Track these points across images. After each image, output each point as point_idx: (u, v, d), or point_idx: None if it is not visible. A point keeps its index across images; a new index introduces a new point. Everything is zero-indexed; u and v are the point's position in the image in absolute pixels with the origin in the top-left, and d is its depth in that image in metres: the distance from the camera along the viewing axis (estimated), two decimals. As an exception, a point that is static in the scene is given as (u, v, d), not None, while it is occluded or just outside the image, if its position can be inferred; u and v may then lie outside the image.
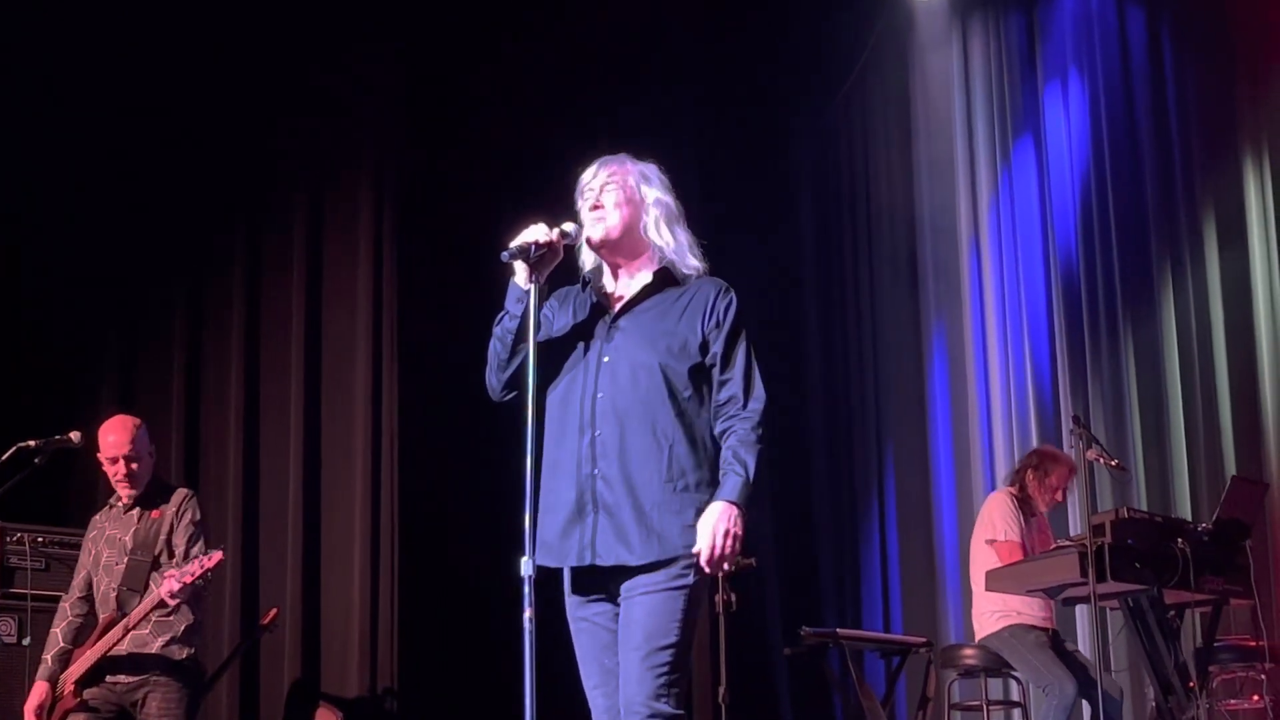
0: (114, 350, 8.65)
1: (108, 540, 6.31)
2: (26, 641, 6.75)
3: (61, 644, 6.23)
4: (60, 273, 8.54)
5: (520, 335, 4.08)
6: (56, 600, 6.82)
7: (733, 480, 4.01)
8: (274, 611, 7.57)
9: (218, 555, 5.92)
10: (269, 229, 8.89)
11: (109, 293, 8.65)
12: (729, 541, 3.95)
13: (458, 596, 8.58)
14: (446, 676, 8.51)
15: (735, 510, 3.97)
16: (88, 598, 6.30)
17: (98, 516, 6.46)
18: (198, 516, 6.29)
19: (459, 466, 8.75)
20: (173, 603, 5.89)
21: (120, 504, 6.36)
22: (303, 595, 8.35)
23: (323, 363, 8.69)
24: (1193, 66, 9.71)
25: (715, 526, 3.94)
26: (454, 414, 8.67)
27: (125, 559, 6.17)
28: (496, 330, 4.17)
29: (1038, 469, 7.78)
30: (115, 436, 6.27)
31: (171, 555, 6.15)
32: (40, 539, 7.06)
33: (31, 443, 6.09)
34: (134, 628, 6.01)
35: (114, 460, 6.28)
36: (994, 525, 7.65)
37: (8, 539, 6.93)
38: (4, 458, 5.93)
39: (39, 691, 6.15)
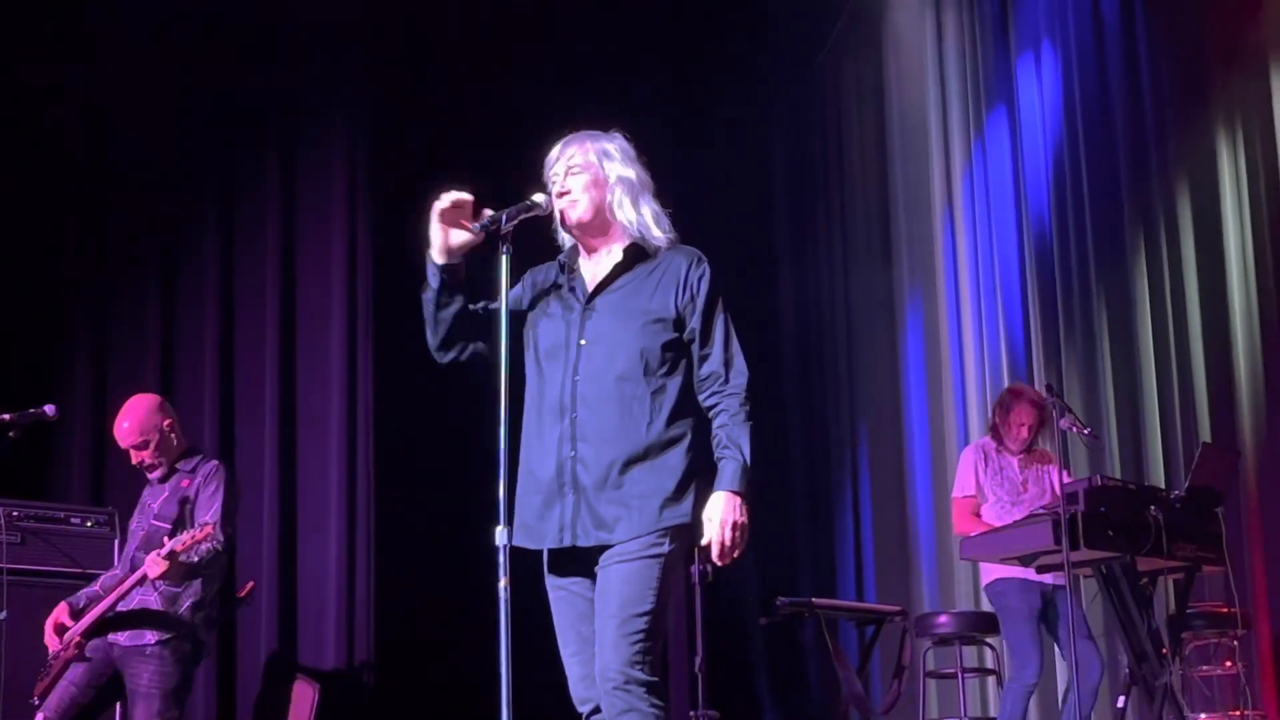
0: (87, 322, 8.60)
1: (140, 508, 6.35)
2: (3, 615, 6.73)
3: (95, 588, 6.24)
4: (32, 245, 8.48)
5: (439, 304, 4.11)
6: (32, 574, 6.86)
7: (731, 467, 4.01)
8: (250, 585, 7.55)
9: (208, 528, 5.88)
10: (241, 197, 8.85)
11: (82, 264, 8.61)
12: (737, 533, 3.97)
13: (434, 568, 8.60)
14: (423, 649, 8.54)
15: (738, 499, 3.98)
16: None
17: (145, 489, 6.47)
18: (222, 489, 6.20)
19: (434, 439, 8.76)
20: (155, 574, 5.85)
21: (156, 478, 6.36)
22: (279, 568, 8.35)
23: (297, 334, 8.68)
24: (1166, 37, 9.71)
25: (723, 520, 3.96)
26: (429, 386, 8.65)
27: (149, 524, 6.18)
28: (422, 298, 4.18)
29: (1001, 406, 7.71)
30: (127, 424, 6.29)
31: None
32: (16, 513, 7.04)
33: (5, 416, 6.06)
34: (133, 590, 5.99)
35: (126, 451, 6.32)
36: (954, 481, 7.71)
37: (-17, 513, 6.93)
38: (-23, 432, 5.91)
39: (59, 611, 6.15)
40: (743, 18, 10.53)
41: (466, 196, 4.09)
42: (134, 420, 6.28)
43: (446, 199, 4.07)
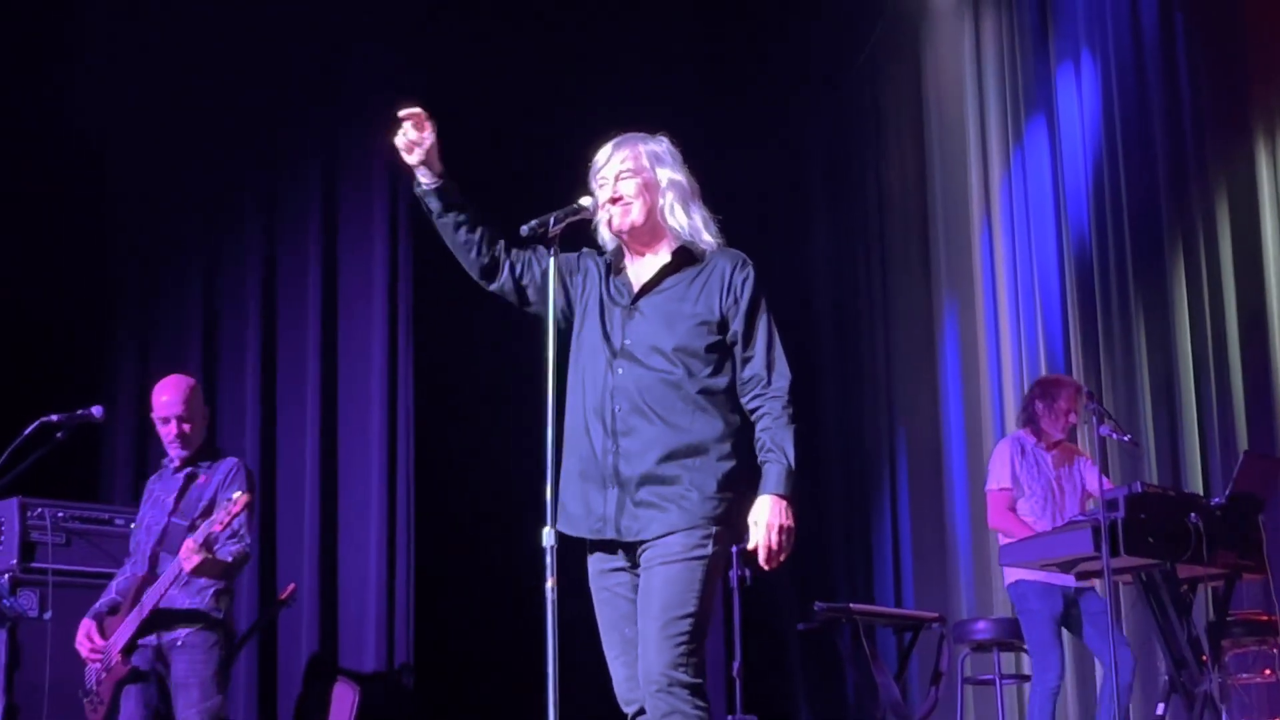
0: (133, 326, 8.66)
1: (154, 501, 6.27)
2: (48, 615, 6.79)
3: (113, 595, 6.21)
4: (78, 249, 8.53)
5: (453, 225, 4.19)
6: (77, 575, 6.90)
7: (776, 471, 4.04)
8: (291, 587, 7.59)
9: (244, 498, 5.80)
10: (284, 203, 8.88)
11: (128, 268, 8.68)
12: (783, 537, 4.00)
13: (475, 570, 8.63)
14: (464, 650, 8.56)
15: (784, 503, 4.02)
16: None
17: (151, 478, 6.45)
18: (245, 490, 6.03)
19: (476, 439, 8.79)
20: (190, 567, 5.77)
21: (171, 465, 6.30)
22: (319, 570, 8.38)
23: (339, 338, 8.70)
24: (1205, 46, 9.71)
25: (769, 523, 4.00)
26: (471, 385, 8.71)
27: (166, 519, 6.15)
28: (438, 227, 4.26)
29: (1044, 397, 7.65)
30: (168, 396, 6.21)
31: None
32: (61, 514, 7.09)
33: (53, 418, 6.10)
34: (168, 590, 5.99)
35: (166, 421, 6.22)
36: (988, 474, 7.70)
37: (29, 514, 6.97)
38: (26, 433, 5.94)
39: (84, 626, 6.12)
40: (780, 26, 10.54)
41: (413, 130, 4.13)
42: (175, 394, 6.21)
43: (404, 138, 4.14)
